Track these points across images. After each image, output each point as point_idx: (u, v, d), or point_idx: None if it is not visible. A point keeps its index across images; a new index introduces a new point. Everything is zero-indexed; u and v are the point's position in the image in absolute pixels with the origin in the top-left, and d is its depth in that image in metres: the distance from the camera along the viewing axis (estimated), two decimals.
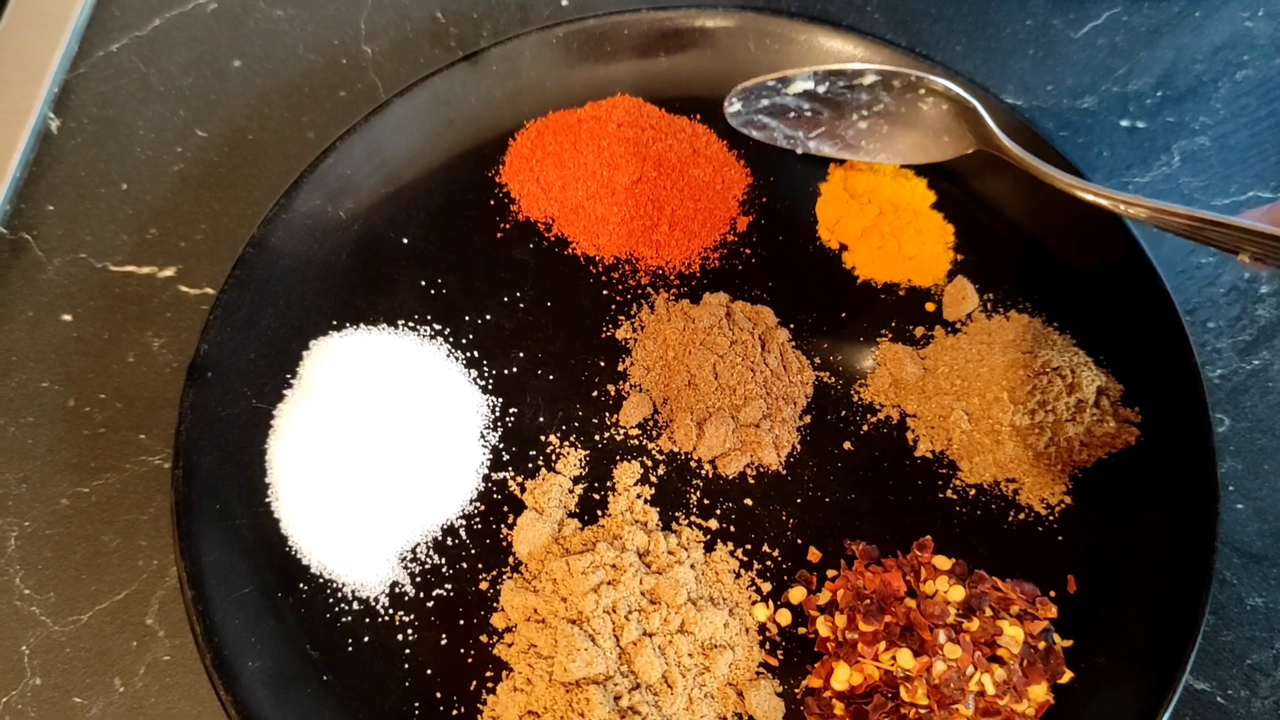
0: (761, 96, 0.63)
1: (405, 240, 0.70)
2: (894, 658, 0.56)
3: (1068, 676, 0.57)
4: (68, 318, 0.71)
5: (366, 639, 0.59)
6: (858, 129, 0.67)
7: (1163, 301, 0.64)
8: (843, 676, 0.57)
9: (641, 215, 0.70)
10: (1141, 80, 0.78)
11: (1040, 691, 0.56)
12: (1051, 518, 0.62)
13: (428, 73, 0.72)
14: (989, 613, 0.57)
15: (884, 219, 0.69)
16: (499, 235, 0.71)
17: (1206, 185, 0.74)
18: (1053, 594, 0.60)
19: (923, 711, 0.55)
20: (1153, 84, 0.78)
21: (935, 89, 0.65)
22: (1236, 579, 0.63)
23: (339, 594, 0.60)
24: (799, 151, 0.70)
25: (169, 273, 0.72)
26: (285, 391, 0.65)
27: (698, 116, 0.74)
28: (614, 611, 0.57)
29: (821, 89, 0.61)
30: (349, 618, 0.60)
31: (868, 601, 0.58)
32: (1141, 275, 0.65)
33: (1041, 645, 0.57)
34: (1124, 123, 0.77)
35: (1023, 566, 0.61)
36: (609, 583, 0.57)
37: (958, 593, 0.58)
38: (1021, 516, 0.63)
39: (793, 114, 0.63)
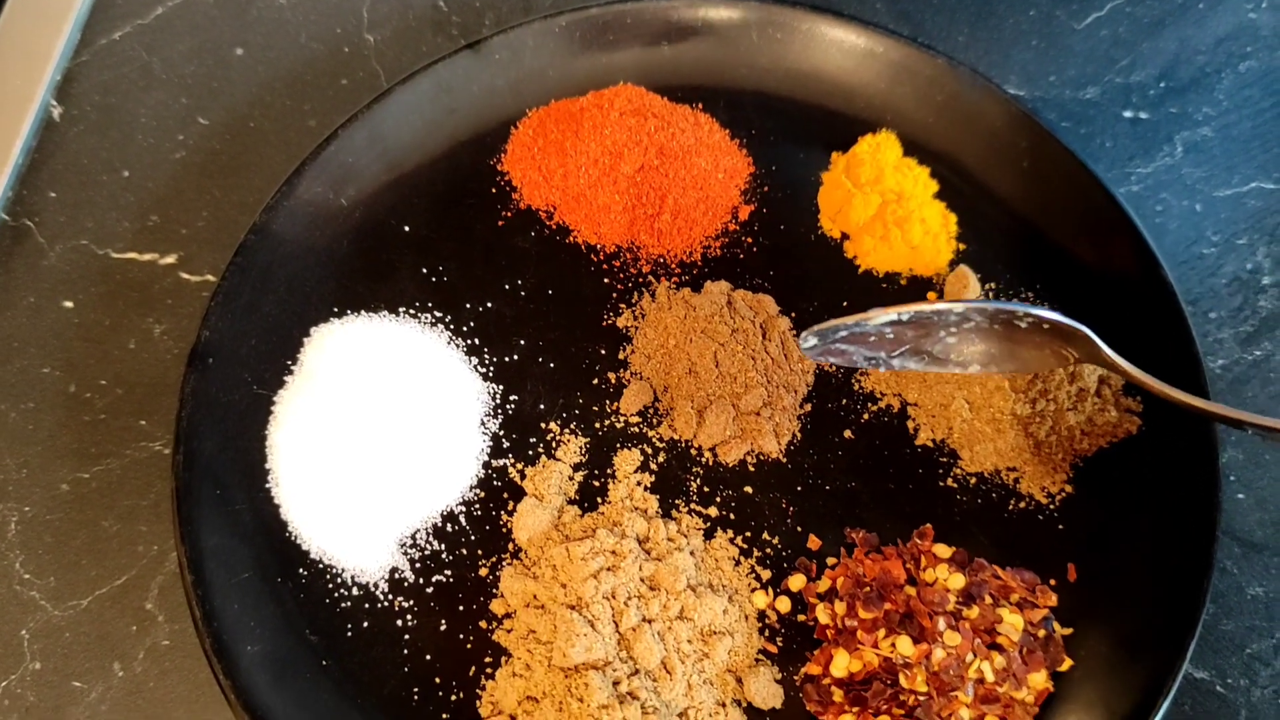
0: (839, 331, 0.57)
1: (407, 228, 0.70)
2: (893, 645, 0.56)
3: (1067, 664, 0.57)
4: (69, 304, 0.71)
5: (366, 624, 0.59)
6: (946, 344, 0.60)
7: (1165, 291, 0.64)
8: (842, 664, 0.57)
9: (643, 204, 0.70)
10: (1144, 71, 0.78)
11: (1040, 679, 0.56)
12: (1052, 506, 0.62)
13: (430, 61, 0.72)
14: (989, 600, 0.57)
15: (887, 209, 0.69)
16: (500, 223, 0.71)
17: (1209, 176, 0.74)
18: (1053, 582, 0.60)
19: (922, 698, 0.55)
20: (1156, 75, 0.78)
21: (1036, 319, 0.57)
22: (1237, 568, 0.63)
23: (338, 579, 0.60)
24: (882, 370, 0.65)
25: (170, 260, 0.72)
26: (286, 378, 0.65)
27: (700, 105, 0.74)
28: (613, 598, 0.57)
29: (905, 317, 0.57)
30: (348, 603, 0.60)
31: (867, 589, 0.58)
32: (1144, 265, 0.65)
33: (1041, 633, 0.57)
34: (1127, 113, 0.77)
35: (1023, 555, 0.61)
36: (608, 569, 0.57)
37: (957, 580, 0.58)
38: (1022, 505, 0.63)
39: (873, 338, 0.59)
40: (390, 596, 0.60)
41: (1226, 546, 0.63)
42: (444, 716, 0.57)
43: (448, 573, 0.61)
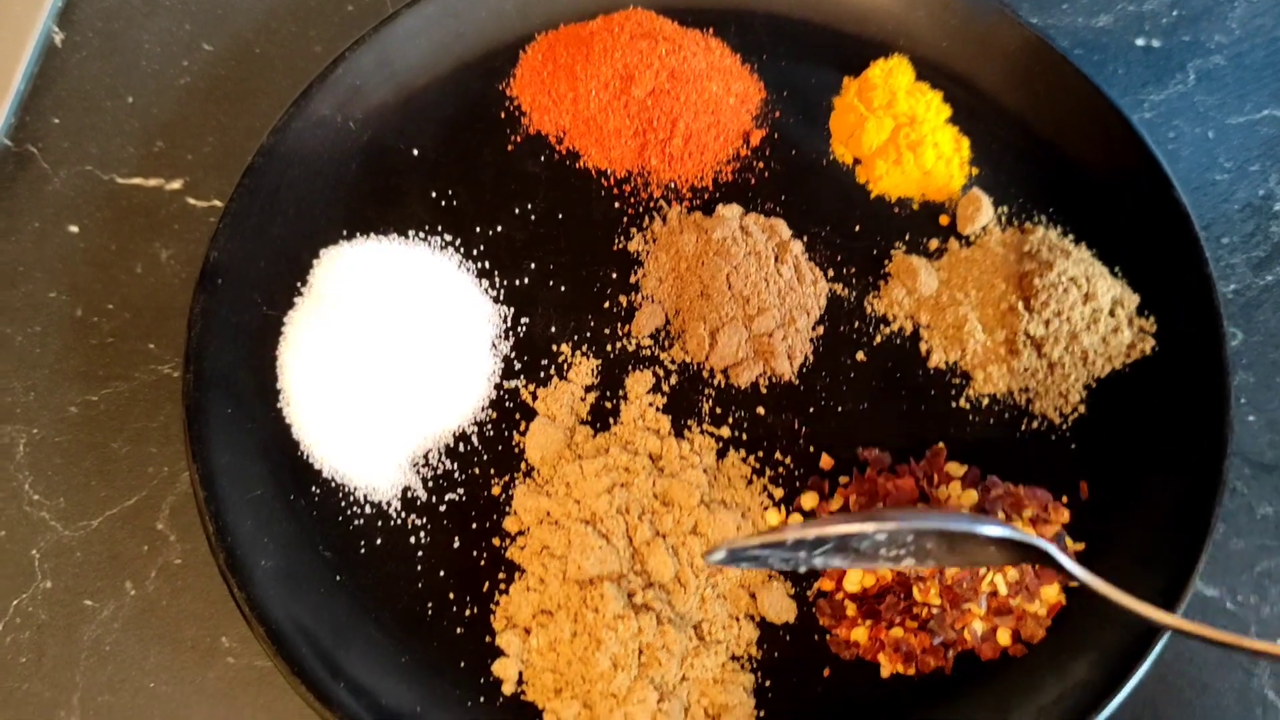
0: (751, 549, 0.49)
1: (415, 151, 0.69)
2: None
3: None
4: (74, 229, 0.70)
5: (379, 541, 0.59)
6: (875, 540, 0.49)
7: (1179, 213, 0.64)
8: (855, 578, 0.57)
9: (654, 128, 0.70)
10: (1157, 1, 0.77)
11: (1052, 592, 0.56)
12: (1065, 427, 0.62)
13: None
14: (1002, 516, 0.57)
15: (899, 133, 0.69)
16: (509, 148, 0.70)
17: (1222, 103, 0.74)
18: (1065, 500, 0.60)
19: (935, 611, 0.55)
20: (1168, 3, 0.77)
21: (987, 537, 0.50)
22: (1247, 489, 0.63)
23: (351, 497, 0.60)
24: (802, 570, 0.55)
25: (176, 185, 0.72)
26: (296, 300, 0.64)
27: (710, 30, 0.74)
28: (627, 513, 0.57)
29: (824, 540, 0.48)
30: (361, 520, 0.60)
31: (880, 505, 0.58)
32: (1158, 187, 0.65)
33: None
34: (1139, 41, 0.76)
35: (1036, 474, 0.61)
36: (621, 485, 0.57)
37: (970, 497, 0.58)
38: (1035, 425, 0.63)
39: (790, 543, 0.49)
40: (403, 514, 0.60)
41: (1237, 467, 0.64)
42: (458, 630, 0.57)
43: (460, 491, 0.61)
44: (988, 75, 0.71)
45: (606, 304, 0.66)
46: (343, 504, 0.60)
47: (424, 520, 0.60)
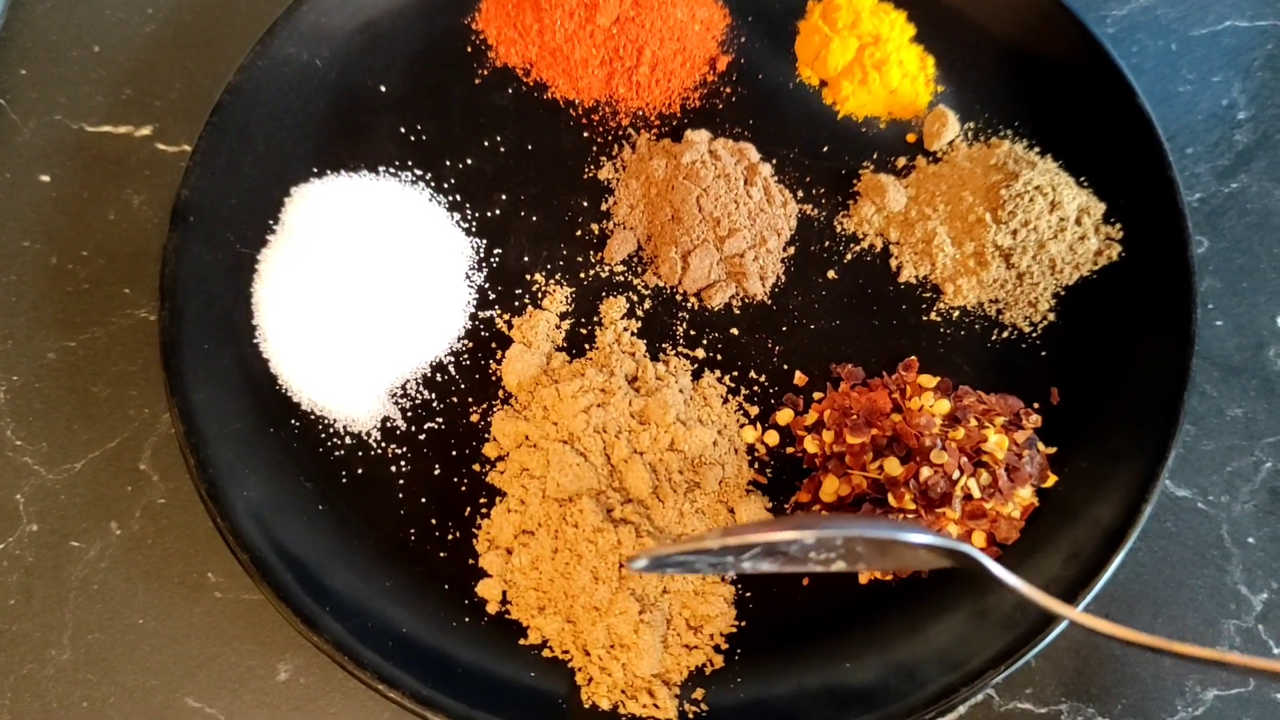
0: (674, 558, 0.47)
1: (383, 88, 0.70)
2: (881, 467, 0.57)
3: (1052, 480, 0.58)
4: (46, 178, 0.70)
5: (360, 471, 0.60)
6: (804, 545, 0.47)
7: (1142, 121, 0.65)
8: (831, 488, 0.58)
9: (621, 57, 0.70)
10: None
11: (1026, 494, 0.57)
12: (1034, 335, 0.63)
13: None
14: (974, 423, 0.58)
15: (864, 52, 0.69)
16: (477, 81, 0.70)
17: (1184, 15, 0.74)
18: (1036, 405, 0.61)
19: (911, 516, 0.56)
20: None
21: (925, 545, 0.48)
22: (1216, 391, 0.64)
23: (331, 429, 0.60)
24: (730, 576, 0.57)
25: (145, 131, 0.71)
26: (268, 237, 0.65)
27: None
28: (604, 431, 0.57)
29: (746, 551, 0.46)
30: (341, 451, 0.60)
31: (854, 417, 0.59)
32: (1121, 96, 0.65)
33: (1026, 453, 0.58)
34: None
35: (1007, 383, 0.62)
36: (598, 405, 0.58)
37: (943, 406, 0.59)
38: (1005, 335, 0.63)
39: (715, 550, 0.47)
40: (383, 444, 0.60)
41: (1206, 371, 0.64)
42: (441, 555, 0.58)
43: (439, 420, 0.61)
44: None
45: (579, 232, 0.66)
46: (323, 435, 0.60)
47: (404, 449, 0.60)
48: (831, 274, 0.65)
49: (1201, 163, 0.70)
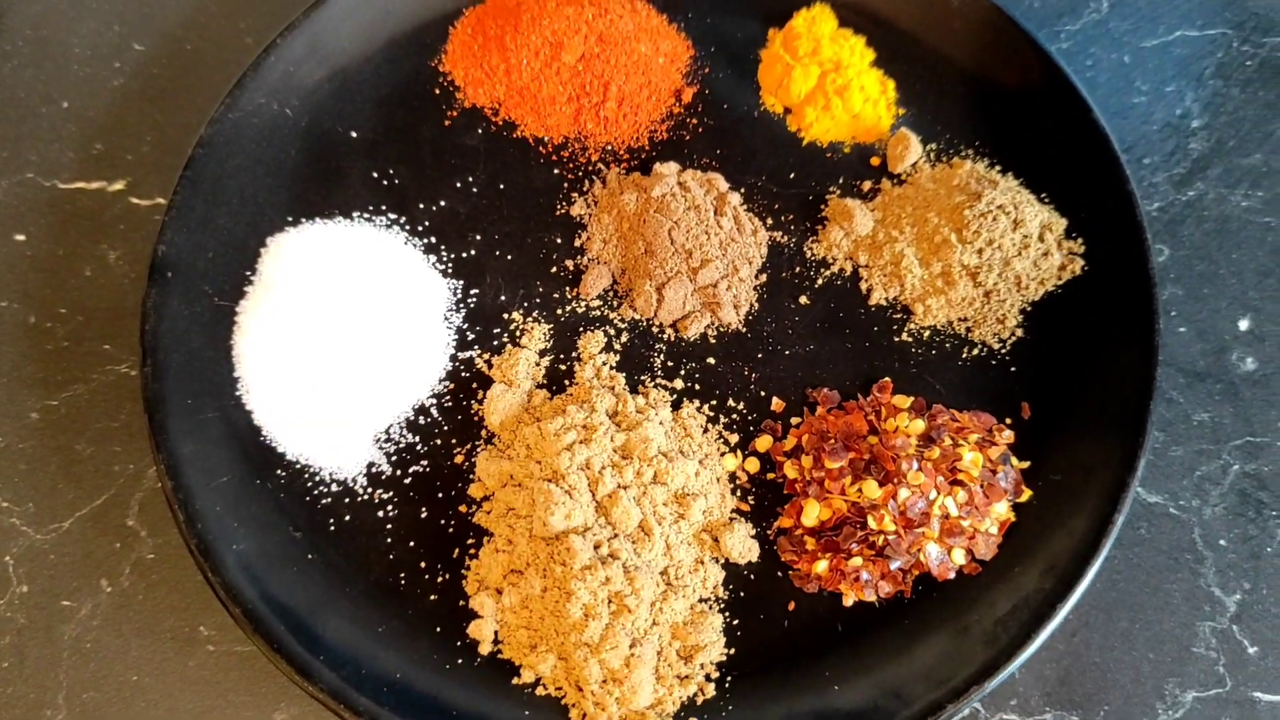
0: None
1: (354, 133, 0.70)
2: (860, 490, 0.58)
3: (1027, 495, 0.60)
4: (20, 237, 0.70)
5: (347, 518, 0.60)
6: None
7: (1099, 136, 0.66)
8: (812, 513, 0.59)
9: (588, 93, 0.71)
10: None
11: (1002, 510, 0.59)
12: (1004, 351, 0.64)
13: None
14: (948, 441, 0.59)
15: (826, 79, 0.70)
16: (446, 123, 0.71)
17: (1136, 28, 0.76)
18: (1009, 421, 0.62)
19: (891, 537, 0.57)
20: None
21: None
22: (1183, 397, 0.65)
23: (317, 477, 0.61)
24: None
25: (119, 186, 0.72)
26: (246, 289, 0.65)
27: None
28: (588, 468, 0.58)
29: None
30: (328, 499, 0.61)
31: (832, 441, 0.60)
32: (1077, 113, 0.67)
33: (1001, 469, 0.59)
34: None
35: (979, 399, 0.63)
36: (581, 441, 0.59)
37: (918, 426, 0.60)
38: (975, 352, 0.65)
39: None
40: (369, 490, 0.61)
41: (1171, 378, 0.66)
42: (431, 598, 0.59)
43: (424, 463, 0.62)
44: (907, 16, 0.72)
45: (554, 269, 0.67)
46: (309, 484, 0.61)
47: (390, 494, 0.61)
48: (804, 299, 0.66)
49: (1159, 172, 0.71)
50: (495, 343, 0.65)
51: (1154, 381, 0.60)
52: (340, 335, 0.63)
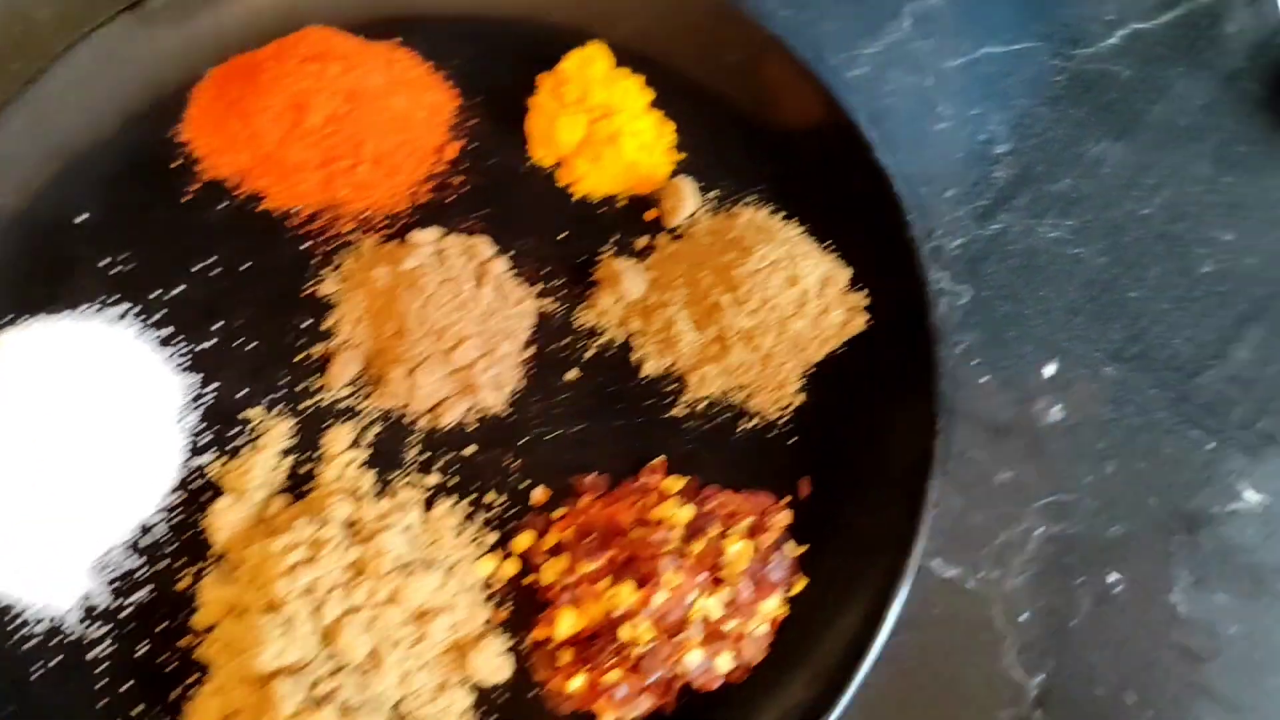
0: None
1: (81, 217, 0.64)
2: (615, 595, 0.53)
3: (802, 584, 0.55)
4: None
5: (56, 661, 0.55)
6: None
7: (879, 179, 0.61)
8: (567, 623, 0.54)
9: (338, 156, 0.65)
10: None
11: (773, 605, 0.54)
12: (784, 420, 0.60)
13: (87, 30, 0.65)
14: (714, 532, 0.54)
15: (597, 127, 0.64)
16: (184, 200, 0.65)
17: (939, 47, 0.71)
18: (788, 498, 0.57)
19: (651, 646, 0.52)
20: None
21: None
22: (984, 455, 0.60)
23: (20, 618, 0.55)
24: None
25: None
26: None
27: (399, 40, 0.68)
28: (312, 591, 0.52)
29: None
30: (33, 641, 0.55)
31: (590, 539, 0.55)
32: (858, 153, 0.62)
33: (773, 558, 0.54)
34: None
35: (759, 475, 0.58)
36: (307, 561, 0.53)
37: (686, 513, 0.55)
38: (753, 424, 0.60)
39: None
40: (83, 626, 0.55)
41: (972, 434, 0.61)
42: None
43: (147, 589, 0.56)
44: (685, 53, 0.67)
45: (299, 357, 0.62)
46: (10, 626, 0.55)
47: (107, 629, 0.56)
48: (572, 374, 0.61)
49: (961, 205, 0.66)
50: (233, 445, 0.59)
51: (934, 450, 0.55)
52: (58, 448, 0.57)
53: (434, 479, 0.59)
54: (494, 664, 0.54)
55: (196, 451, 0.59)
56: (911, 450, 0.56)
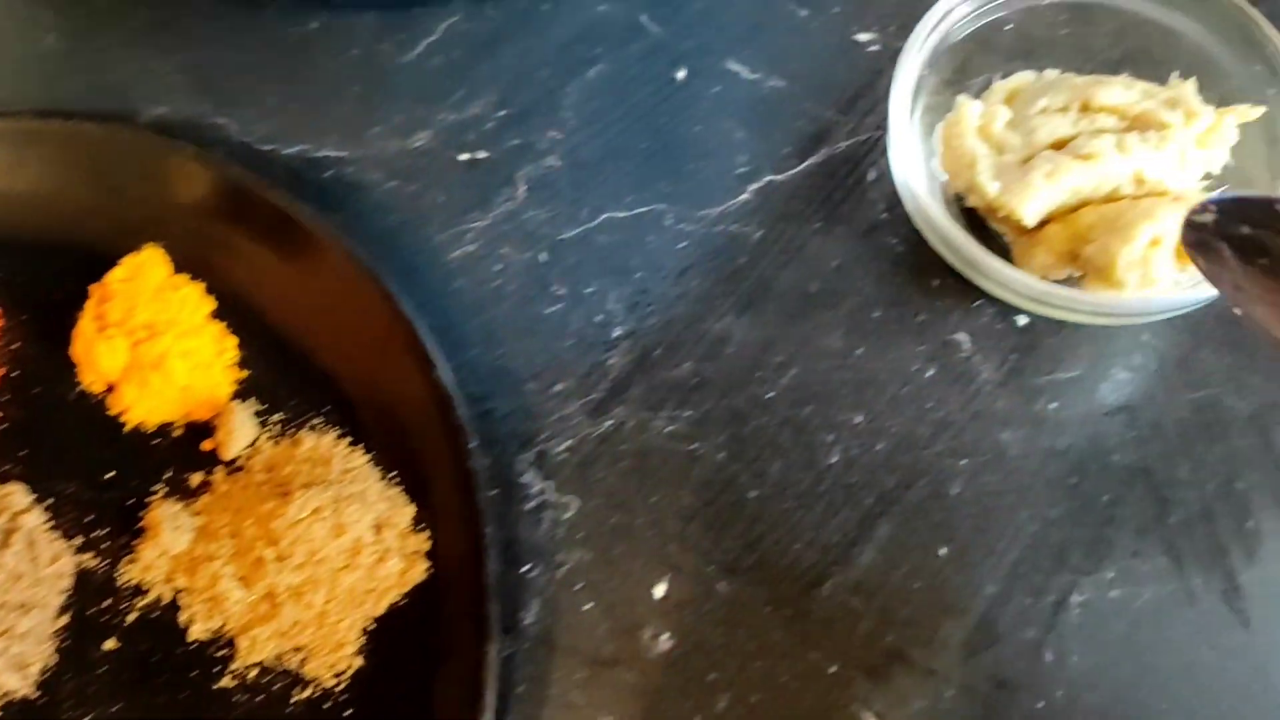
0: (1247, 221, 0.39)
1: None
2: None
3: None
4: None
5: None
6: None
7: (441, 397, 0.54)
8: None
9: None
10: (481, 101, 0.67)
11: None
12: (340, 688, 0.53)
13: None
14: None
15: (142, 350, 0.57)
16: None
17: (554, 216, 0.64)
18: None
19: None
20: (494, 102, 0.67)
21: None
22: (583, 696, 0.54)
23: None
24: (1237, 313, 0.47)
25: None
26: None
27: None
28: None
29: None
30: None
31: None
32: (421, 367, 0.55)
33: None
34: (462, 156, 0.66)
35: None
36: None
37: None
38: (308, 694, 0.53)
39: (1267, 260, 0.39)
40: None
41: (570, 673, 0.55)
42: None
43: None
44: (249, 253, 0.60)
45: None
46: None
47: None
48: (111, 643, 0.54)
49: (572, 401, 0.60)
50: None
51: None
52: None
53: None
54: None
55: None
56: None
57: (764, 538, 0.57)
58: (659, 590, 0.56)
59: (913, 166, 0.56)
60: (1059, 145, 0.56)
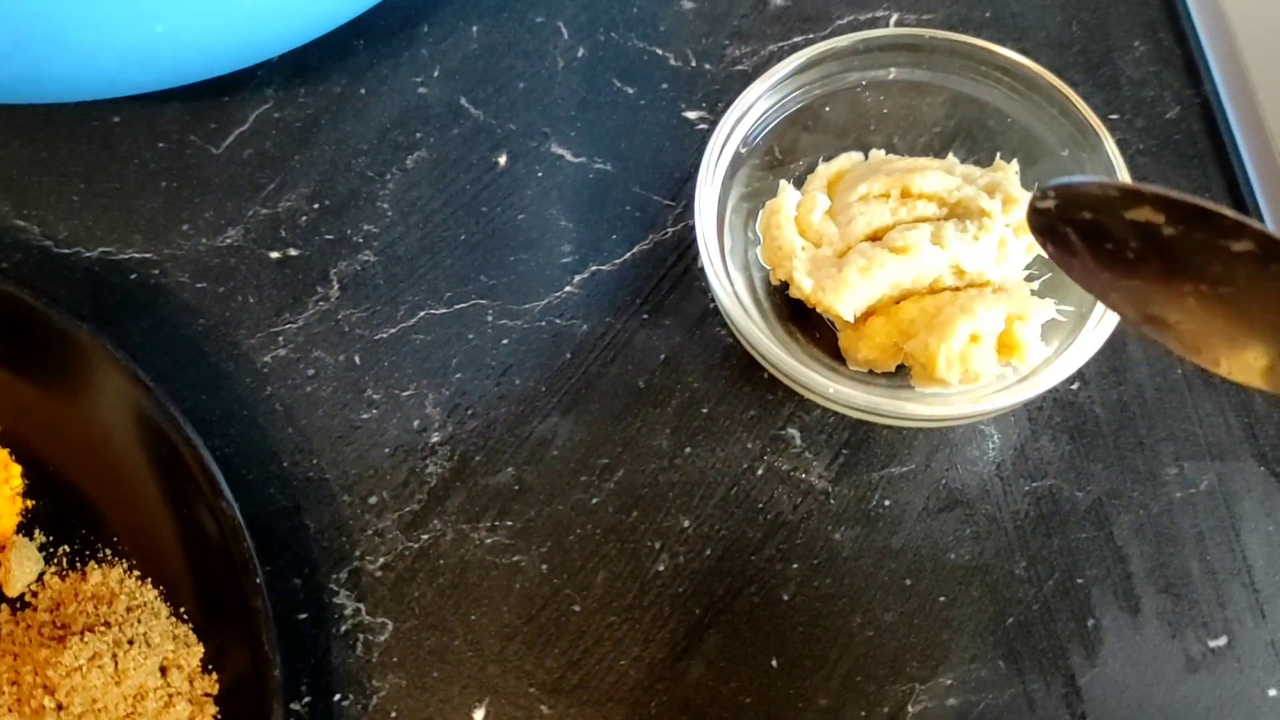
0: (1086, 206, 0.37)
1: None
2: None
3: None
4: None
5: None
6: (1186, 306, 0.37)
7: (230, 524, 0.50)
8: None
9: None
10: (295, 193, 0.64)
11: None
12: None
13: None
14: None
15: None
16: None
17: (370, 315, 0.61)
18: None
19: None
20: (308, 195, 0.64)
21: None
22: None
23: None
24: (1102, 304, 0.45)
25: None
26: None
27: None
28: None
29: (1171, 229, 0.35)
30: None
31: None
32: (206, 497, 0.51)
33: None
34: (274, 254, 0.62)
35: None
36: None
37: None
38: None
39: (1111, 245, 0.38)
40: None
41: None
42: None
43: None
44: (30, 376, 0.57)
45: None
46: None
47: None
48: None
49: (388, 514, 0.57)
50: None
51: None
52: None
53: None
54: None
55: None
56: None
57: (588, 655, 0.54)
58: (478, 716, 0.54)
59: (719, 266, 0.54)
60: (877, 235, 0.54)
